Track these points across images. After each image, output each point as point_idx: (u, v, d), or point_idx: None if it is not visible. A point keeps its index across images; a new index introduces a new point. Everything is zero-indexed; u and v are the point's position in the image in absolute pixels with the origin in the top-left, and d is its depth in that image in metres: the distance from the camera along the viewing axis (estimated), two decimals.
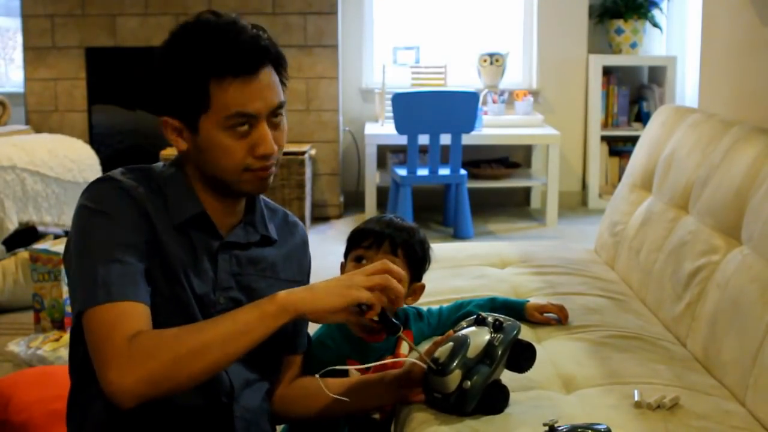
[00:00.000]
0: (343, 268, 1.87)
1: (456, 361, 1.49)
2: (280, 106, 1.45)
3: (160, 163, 1.56)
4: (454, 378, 1.49)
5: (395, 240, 1.81)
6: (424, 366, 1.54)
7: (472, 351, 1.51)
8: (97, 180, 1.48)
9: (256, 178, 1.46)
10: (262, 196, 1.61)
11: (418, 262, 1.84)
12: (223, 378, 1.51)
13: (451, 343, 1.53)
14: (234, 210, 1.54)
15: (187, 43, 1.42)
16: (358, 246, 1.83)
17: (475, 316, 1.58)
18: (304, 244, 1.69)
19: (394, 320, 1.46)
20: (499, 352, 1.51)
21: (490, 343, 1.51)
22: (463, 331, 1.55)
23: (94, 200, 1.43)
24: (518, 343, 1.55)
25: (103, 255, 1.38)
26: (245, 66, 1.40)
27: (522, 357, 1.55)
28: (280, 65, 1.47)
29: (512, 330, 1.54)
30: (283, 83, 1.48)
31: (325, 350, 1.80)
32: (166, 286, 1.43)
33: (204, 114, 1.41)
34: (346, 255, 1.89)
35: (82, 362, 1.44)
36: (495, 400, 1.54)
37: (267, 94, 1.43)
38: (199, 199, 1.50)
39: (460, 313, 1.97)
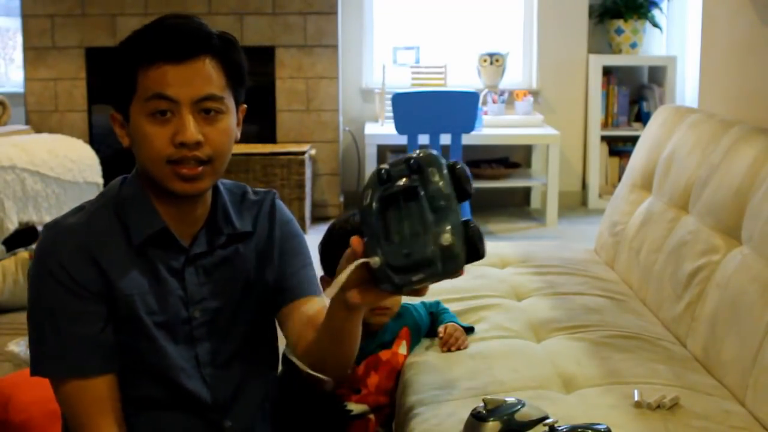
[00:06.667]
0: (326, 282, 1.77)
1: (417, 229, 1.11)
2: (211, 98, 1.36)
3: (118, 181, 1.50)
4: (429, 241, 1.10)
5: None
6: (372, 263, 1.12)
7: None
8: (44, 228, 1.46)
9: (175, 173, 1.37)
10: (222, 185, 1.51)
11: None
12: (204, 396, 1.48)
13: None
14: (194, 216, 1.46)
15: (128, 36, 1.40)
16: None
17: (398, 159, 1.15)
18: (276, 214, 1.55)
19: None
20: (445, 189, 1.12)
21: (432, 187, 1.12)
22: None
23: (42, 260, 1.41)
24: (454, 166, 1.14)
25: (54, 324, 1.38)
26: (175, 51, 1.34)
27: (463, 180, 1.14)
28: (229, 61, 1.40)
29: (436, 160, 1.14)
30: (236, 83, 1.42)
31: None
32: (126, 332, 1.42)
33: (133, 100, 1.37)
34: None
35: None
36: (473, 242, 1.11)
37: (196, 82, 1.35)
38: (158, 212, 1.43)
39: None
